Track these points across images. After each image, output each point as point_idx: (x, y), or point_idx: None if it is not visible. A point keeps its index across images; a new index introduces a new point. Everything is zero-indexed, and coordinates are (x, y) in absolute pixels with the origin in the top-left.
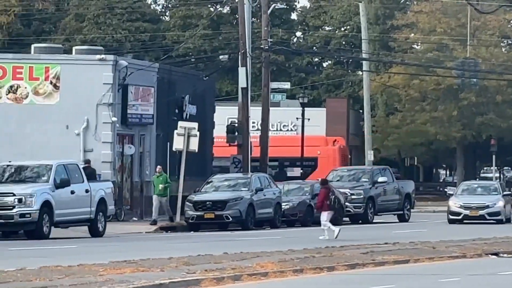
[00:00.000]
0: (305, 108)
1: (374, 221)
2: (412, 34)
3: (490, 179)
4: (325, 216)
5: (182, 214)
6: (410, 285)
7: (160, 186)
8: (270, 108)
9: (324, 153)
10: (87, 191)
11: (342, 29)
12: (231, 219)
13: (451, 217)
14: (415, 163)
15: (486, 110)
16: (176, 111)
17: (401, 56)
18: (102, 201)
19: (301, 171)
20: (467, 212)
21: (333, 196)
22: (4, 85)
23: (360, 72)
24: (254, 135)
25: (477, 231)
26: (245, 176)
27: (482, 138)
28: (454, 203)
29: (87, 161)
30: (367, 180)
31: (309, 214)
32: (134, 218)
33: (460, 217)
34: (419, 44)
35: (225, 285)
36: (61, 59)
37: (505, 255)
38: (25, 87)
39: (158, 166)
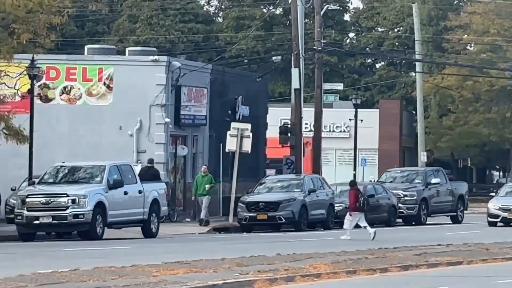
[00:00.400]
0: (358, 109)
1: (427, 222)
2: (466, 35)
3: None
4: (351, 218)
5: (235, 215)
6: (464, 287)
7: (207, 186)
8: (323, 109)
9: None
10: (140, 192)
11: (395, 30)
12: (284, 220)
13: (490, 219)
14: (468, 165)
15: None
16: (229, 112)
17: (454, 57)
18: (155, 202)
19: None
20: (505, 214)
21: (362, 198)
22: (58, 86)
23: (413, 73)
24: (307, 136)
25: None
26: (298, 177)
27: None
28: (493, 205)
29: (151, 161)
30: (420, 181)
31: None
32: (187, 219)
33: (498, 219)
34: (473, 45)
35: (278, 286)
36: (114, 60)
37: None
38: (79, 88)
39: (204, 166)
